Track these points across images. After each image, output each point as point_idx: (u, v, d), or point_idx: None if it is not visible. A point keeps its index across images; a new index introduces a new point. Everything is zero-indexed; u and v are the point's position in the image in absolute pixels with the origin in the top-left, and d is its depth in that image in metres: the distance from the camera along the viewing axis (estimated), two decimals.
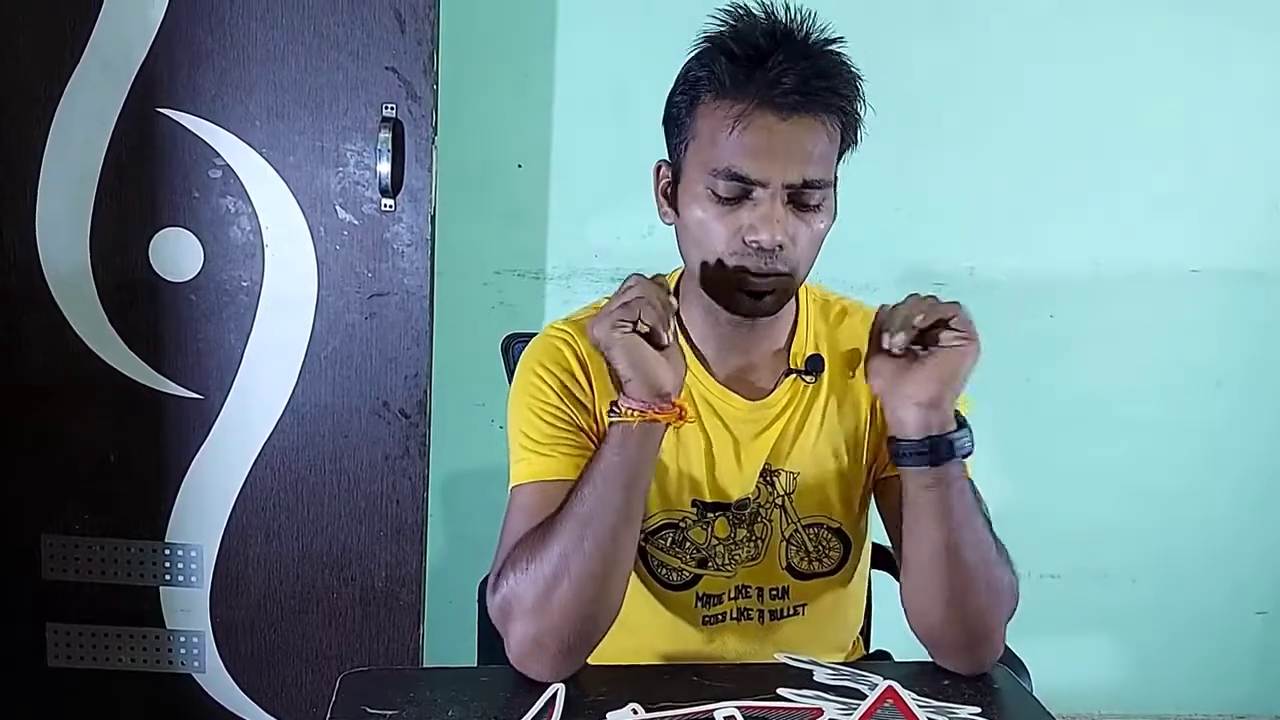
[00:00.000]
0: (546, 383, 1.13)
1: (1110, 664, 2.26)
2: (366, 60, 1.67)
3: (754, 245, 1.04)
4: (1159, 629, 2.23)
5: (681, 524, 1.16)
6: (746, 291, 1.07)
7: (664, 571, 1.17)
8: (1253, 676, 2.26)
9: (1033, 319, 2.06)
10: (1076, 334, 2.07)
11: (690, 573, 1.17)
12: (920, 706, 0.94)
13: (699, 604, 1.18)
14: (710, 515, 1.16)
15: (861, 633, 1.39)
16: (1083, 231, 2.03)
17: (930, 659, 1.09)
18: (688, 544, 1.17)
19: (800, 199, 1.05)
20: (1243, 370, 2.12)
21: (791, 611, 1.19)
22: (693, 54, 1.08)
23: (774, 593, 1.19)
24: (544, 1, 1.89)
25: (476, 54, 1.89)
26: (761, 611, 1.18)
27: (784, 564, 1.19)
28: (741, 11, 1.06)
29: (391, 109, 1.68)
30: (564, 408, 1.12)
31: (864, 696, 0.96)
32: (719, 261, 1.06)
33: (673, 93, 1.11)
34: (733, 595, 1.18)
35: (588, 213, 1.97)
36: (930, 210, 2.00)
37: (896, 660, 1.25)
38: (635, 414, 0.99)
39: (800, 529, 1.18)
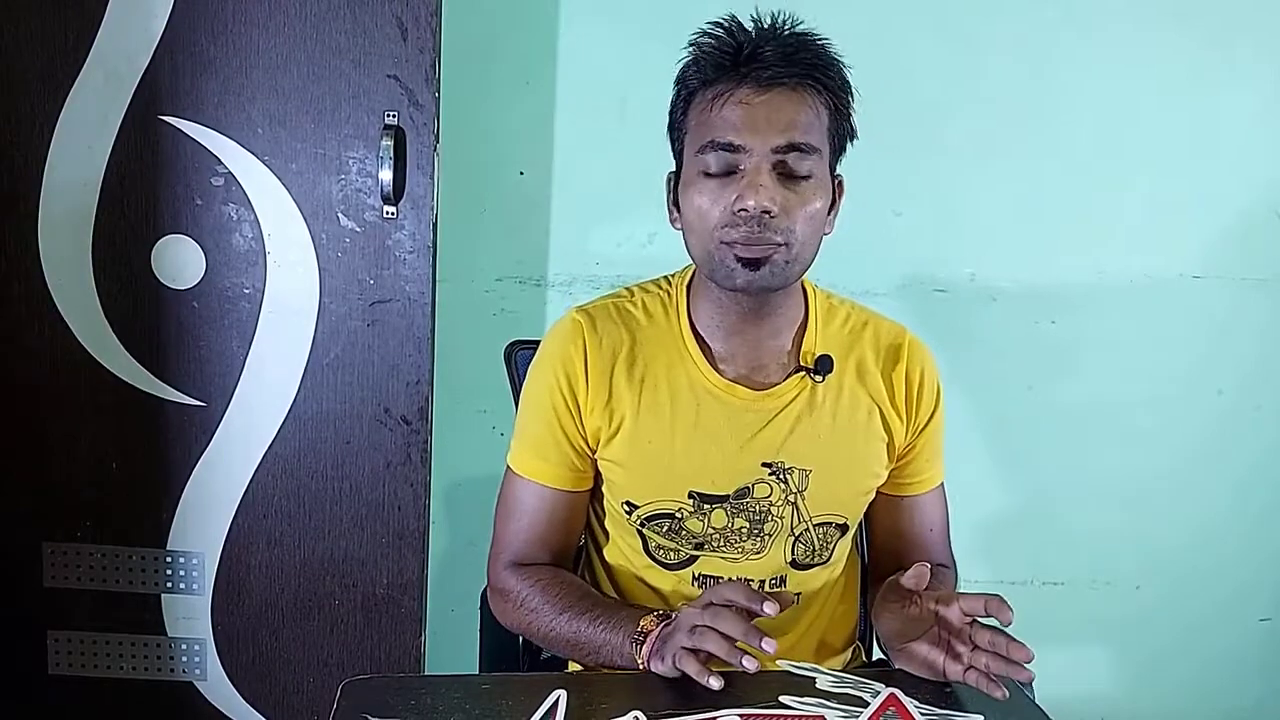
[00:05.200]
0: (553, 382, 1.18)
1: (1113, 671, 2.25)
2: (369, 68, 1.67)
3: (743, 215, 1.05)
4: (1162, 636, 2.22)
5: (677, 514, 1.17)
6: (741, 261, 1.07)
7: (661, 553, 1.20)
8: (1256, 684, 2.26)
9: (1034, 326, 2.06)
10: (1078, 341, 2.07)
11: (687, 553, 1.19)
12: (923, 714, 0.94)
13: (695, 583, 1.20)
14: (707, 506, 1.17)
15: (862, 640, 1.39)
16: (1085, 238, 2.03)
17: None
18: (684, 532, 1.18)
19: (787, 168, 1.06)
20: (1244, 377, 2.11)
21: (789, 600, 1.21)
22: (685, 60, 1.13)
23: (773, 582, 1.21)
24: (546, 9, 1.90)
25: (478, 61, 1.89)
26: None
27: (788, 559, 1.20)
28: (727, 19, 1.11)
29: (393, 116, 1.68)
30: (559, 412, 1.18)
31: (866, 704, 0.96)
32: (715, 240, 1.08)
33: (671, 101, 1.15)
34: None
35: (589, 220, 1.97)
36: (931, 216, 1.99)
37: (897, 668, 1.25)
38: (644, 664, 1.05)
39: (811, 527, 1.20)
